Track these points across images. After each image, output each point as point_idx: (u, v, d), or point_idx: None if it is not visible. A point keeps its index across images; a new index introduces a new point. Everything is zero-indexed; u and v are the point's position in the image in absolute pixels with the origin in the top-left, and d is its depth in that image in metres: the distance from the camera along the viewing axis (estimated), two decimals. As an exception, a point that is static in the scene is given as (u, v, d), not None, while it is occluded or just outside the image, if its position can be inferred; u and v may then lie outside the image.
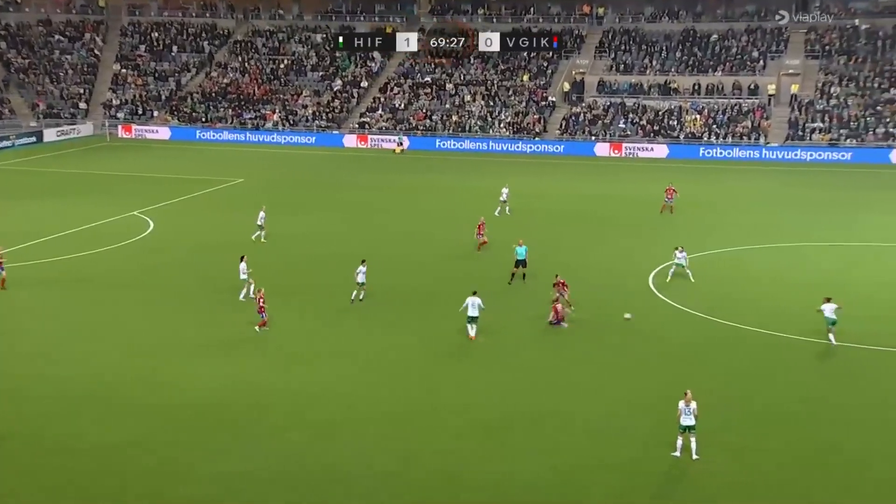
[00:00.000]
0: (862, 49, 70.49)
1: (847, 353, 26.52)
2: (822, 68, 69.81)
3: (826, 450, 20.50)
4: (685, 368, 25.45)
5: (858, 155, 62.40)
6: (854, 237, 40.35)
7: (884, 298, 31.44)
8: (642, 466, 19.84)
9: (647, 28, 77.09)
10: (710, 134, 67.82)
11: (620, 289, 32.89)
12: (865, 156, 62.12)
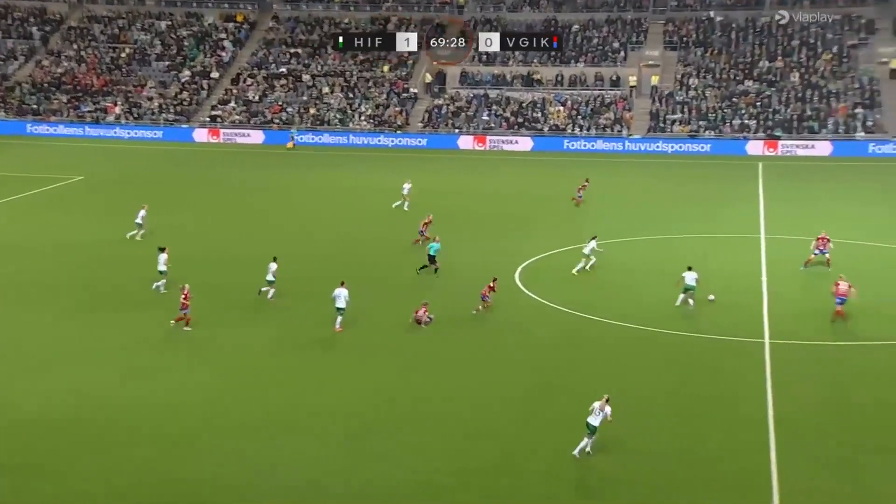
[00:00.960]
0: (717, 41, 74.29)
1: (707, 344, 27.88)
2: (680, 60, 73.11)
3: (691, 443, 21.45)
4: (551, 365, 26.20)
5: (717, 146, 65.74)
6: (715, 229, 42.41)
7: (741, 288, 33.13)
8: (507, 468, 20.24)
9: (508, 18, 78.63)
10: (574, 126, 69.87)
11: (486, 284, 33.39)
12: (723, 147, 65.53)
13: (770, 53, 71.68)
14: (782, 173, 56.96)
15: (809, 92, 67.86)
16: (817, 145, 63.85)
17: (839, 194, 49.87)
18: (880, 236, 39.47)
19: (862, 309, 30.47)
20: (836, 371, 25.53)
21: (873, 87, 67.02)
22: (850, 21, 72.39)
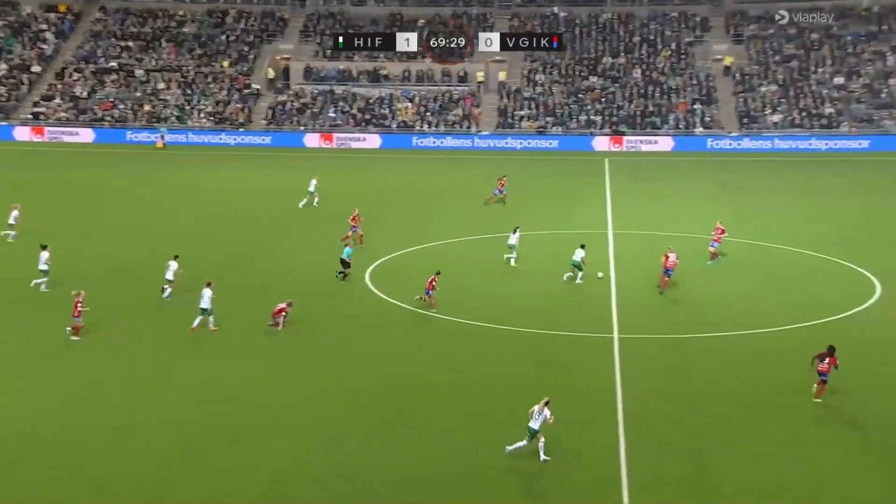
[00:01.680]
0: (562, 37, 76.45)
1: (558, 340, 28.66)
2: (527, 56, 74.87)
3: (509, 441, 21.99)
4: (402, 366, 26.28)
5: (564, 142, 67.72)
6: (565, 224, 43.62)
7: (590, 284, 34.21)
8: (360, 474, 20.17)
9: (352, 11, 78.34)
10: (423, 122, 70.38)
11: (337, 285, 33.19)
12: (570, 143, 67.57)
13: (613, 50, 74.45)
14: (628, 168, 59.26)
15: (651, 88, 70.93)
16: (660, 140, 66.83)
17: (682, 189, 52.32)
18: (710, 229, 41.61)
19: (705, 300, 32.11)
20: (681, 362, 26.74)
21: (709, 84, 70.76)
22: (686, 18, 76.14)
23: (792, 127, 66.32)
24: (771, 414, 23.08)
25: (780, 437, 21.83)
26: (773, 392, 24.38)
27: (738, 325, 29.18)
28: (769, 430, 22.20)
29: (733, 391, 24.48)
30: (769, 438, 21.76)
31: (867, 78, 68.64)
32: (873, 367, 25.90)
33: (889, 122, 65.33)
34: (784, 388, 24.53)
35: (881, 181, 53.09)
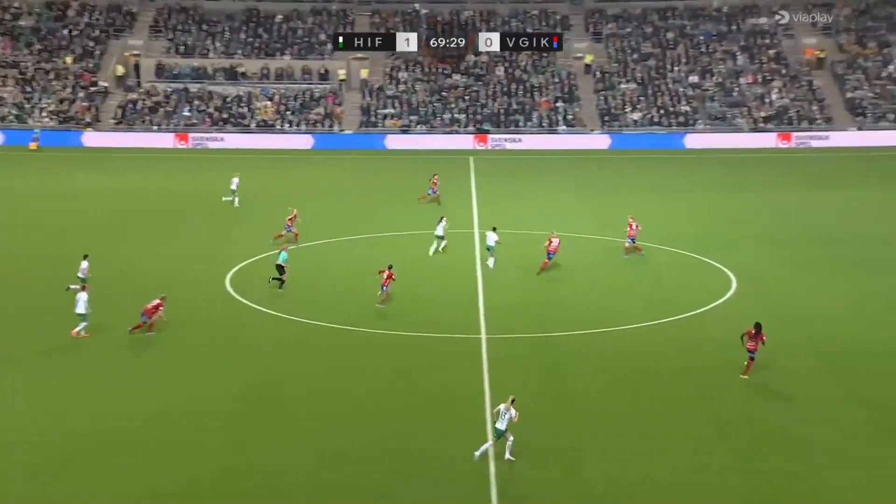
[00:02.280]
0: (424, 34, 76.78)
1: (425, 342, 28.76)
2: (388, 53, 74.84)
3: (411, 443, 21.99)
4: (265, 374, 25.87)
5: (429, 141, 68.03)
6: (432, 224, 43.73)
7: (457, 284, 34.49)
8: (223, 486, 19.69)
9: (206, 6, 76.48)
10: (284, 121, 69.40)
11: (197, 292, 32.34)
12: (437, 142, 67.93)
13: (475, 47, 75.29)
14: (492, 167, 60.11)
15: (514, 86, 72.21)
16: (524, 139, 68.08)
17: (545, 186, 53.45)
18: (582, 228, 42.71)
19: (572, 298, 32.87)
20: (550, 361, 27.25)
21: (571, 82, 72.61)
22: (546, 16, 77.86)
23: (651, 125, 68.81)
24: (638, 409, 23.79)
25: (647, 431, 22.51)
26: (640, 387, 25.14)
27: (604, 322, 29.96)
28: (637, 425, 22.86)
29: (602, 388, 25.11)
30: (637, 433, 22.41)
31: (719, 77, 71.93)
32: (732, 361, 27.07)
33: (741, 121, 68.64)
34: (650, 383, 25.35)
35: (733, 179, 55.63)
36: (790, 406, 23.85)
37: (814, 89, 70.28)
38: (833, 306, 31.56)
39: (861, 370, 26.09)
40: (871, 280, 34.21)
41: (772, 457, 21.17)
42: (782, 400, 24.24)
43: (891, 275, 34.77)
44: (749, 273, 34.94)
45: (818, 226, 42.53)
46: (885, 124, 67.10)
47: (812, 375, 25.78)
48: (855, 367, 26.34)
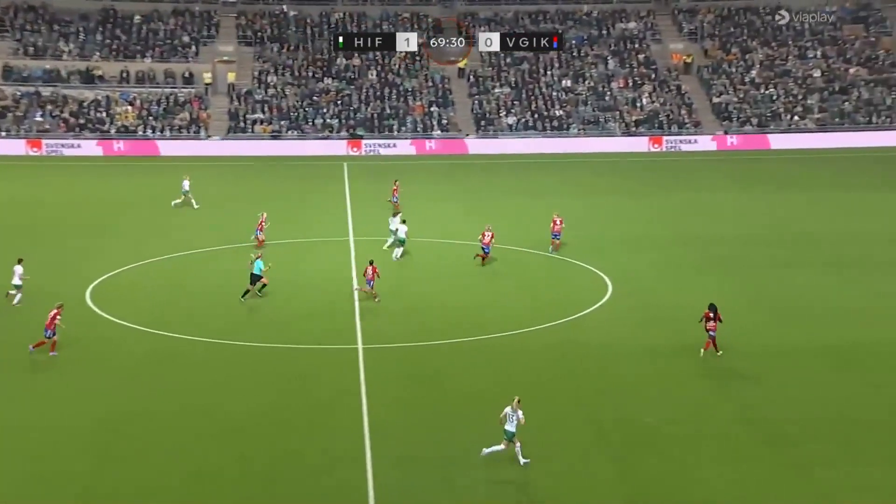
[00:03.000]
0: (293, 37, 76.25)
1: (301, 354, 28.50)
2: (256, 56, 73.93)
3: (288, 458, 21.73)
4: (130, 391, 25.11)
5: (301, 146, 67.43)
6: (305, 232, 43.43)
7: (333, 294, 34.31)
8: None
9: (56, 5, 73.73)
10: (146, 127, 67.57)
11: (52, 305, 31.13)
12: (308, 147, 67.39)
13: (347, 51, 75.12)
14: (367, 173, 60.04)
15: (387, 90, 72.37)
16: (398, 144, 68.29)
17: (419, 192, 53.73)
18: (455, 233, 43.09)
19: (451, 305, 33.13)
20: (429, 370, 27.39)
21: (445, 86, 73.30)
22: (419, 19, 78.39)
23: (526, 129, 70.13)
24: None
25: (527, 436, 22.84)
26: (519, 393, 25.44)
27: (483, 329, 30.32)
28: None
29: (481, 395, 25.37)
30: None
31: (591, 81, 73.95)
32: (608, 365, 27.84)
33: (613, 125, 70.74)
34: (529, 389, 25.79)
35: (607, 182, 57.24)
36: (666, 407, 24.64)
37: (682, 94, 73.04)
38: (704, 306, 32.76)
39: (734, 370, 27.21)
40: (740, 280, 35.73)
41: (650, 458, 21.84)
42: (658, 401, 25.03)
43: (758, 275, 36.41)
44: (624, 276, 35.99)
45: (689, 228, 44.18)
46: (750, 128, 70.29)
47: (687, 376, 26.73)
48: (728, 366, 27.45)
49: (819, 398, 25.04)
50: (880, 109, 71.19)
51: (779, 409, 24.39)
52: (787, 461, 21.74)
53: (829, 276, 36.03)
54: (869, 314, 31.58)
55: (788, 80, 73.98)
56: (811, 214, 46.88)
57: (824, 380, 26.37)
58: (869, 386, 25.77)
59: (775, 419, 23.78)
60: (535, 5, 79.50)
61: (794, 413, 24.11)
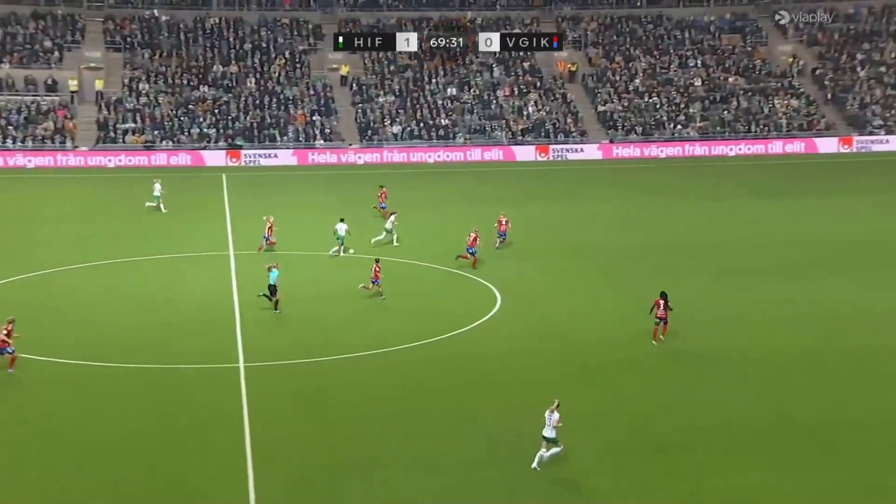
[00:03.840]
0: (166, 42, 74.84)
1: (180, 374, 28.01)
2: (126, 63, 72.24)
3: (169, 483, 21.34)
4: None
5: (177, 157, 66.11)
6: (182, 247, 42.61)
7: (214, 311, 33.82)
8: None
9: None
10: (6, 137, 65.19)
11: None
12: (184, 158, 66.14)
13: (223, 57, 74.21)
14: (247, 184, 59.36)
15: (267, 98, 71.73)
16: (280, 154, 67.73)
17: (302, 204, 53.44)
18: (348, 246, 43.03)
19: (336, 321, 33.05)
20: (315, 388, 27.27)
21: (327, 94, 73.11)
22: (298, 25, 78.04)
23: (412, 138, 70.54)
24: (406, 432, 24.28)
25: (416, 454, 23.03)
26: (407, 410, 25.70)
27: (370, 345, 30.35)
28: (405, 449, 23.35)
29: (368, 413, 25.42)
30: (405, 458, 22.89)
31: (477, 89, 74.95)
32: (499, 378, 28.26)
33: (500, 133, 71.81)
34: (418, 405, 25.99)
35: (495, 192, 58.08)
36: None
37: (568, 102, 74.72)
38: (592, 317, 33.64)
39: (621, 379, 27.97)
40: (628, 289, 36.75)
41: (540, 471, 22.24)
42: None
43: (645, 284, 37.38)
44: (513, 287, 36.57)
45: (577, 237, 45.19)
46: (635, 137, 72.39)
47: (576, 387, 27.33)
48: (615, 376, 28.20)
49: (704, 406, 25.95)
50: (758, 118, 74.32)
51: (667, 417, 25.17)
52: (675, 469, 22.48)
53: (713, 283, 37.40)
54: (751, 321, 32.90)
55: (671, 88, 76.53)
56: (695, 223, 48.57)
57: (710, 387, 27.33)
58: (753, 392, 26.85)
59: (663, 429, 24.51)
60: (418, 12, 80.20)
61: (682, 421, 24.92)
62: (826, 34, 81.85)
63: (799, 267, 39.52)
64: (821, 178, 61.43)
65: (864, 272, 38.73)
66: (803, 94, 76.29)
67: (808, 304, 34.61)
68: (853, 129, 73.75)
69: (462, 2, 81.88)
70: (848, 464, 22.67)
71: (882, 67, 78.54)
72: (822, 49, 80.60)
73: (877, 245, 43.11)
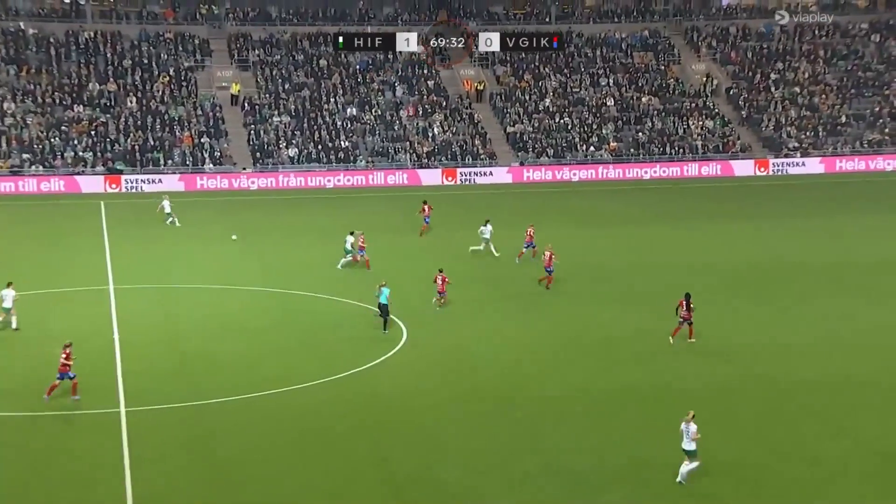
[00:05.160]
0: (34, 58, 73.00)
1: (55, 422, 27.12)
2: (-10, 81, 70.29)
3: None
4: None
5: (50, 184, 64.35)
6: (57, 282, 41.39)
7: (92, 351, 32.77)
8: None
9: None
10: None
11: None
12: (57, 184, 64.42)
13: (100, 74, 72.77)
14: (128, 212, 58.08)
15: (150, 119, 70.47)
16: (164, 179, 66.52)
17: (190, 234, 52.49)
18: (232, 279, 42.32)
19: (227, 359, 32.40)
20: (202, 431, 26.64)
21: (217, 115, 72.21)
22: (183, 40, 77.02)
23: (309, 162, 70.09)
24: (308, 475, 23.92)
25: (318, 498, 22.66)
26: (309, 452, 25.34)
27: (268, 384, 29.81)
28: (307, 493, 23.01)
29: (266, 456, 24.94)
30: (312, 493, 22.40)
31: (378, 109, 75.01)
32: (405, 416, 28.05)
33: (403, 156, 71.89)
34: (321, 447, 25.64)
35: (402, 219, 58.04)
36: (465, 456, 25.01)
37: (476, 123, 75.29)
38: (505, 349, 33.69)
39: (536, 413, 28.00)
40: (540, 318, 36.97)
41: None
42: (457, 451, 25.38)
43: (556, 312, 37.75)
44: (419, 319, 36.43)
45: (483, 265, 45.35)
46: (546, 160, 73.26)
47: (488, 424, 27.27)
48: (530, 410, 28.22)
49: (618, 441, 26.08)
50: (673, 140, 76.11)
51: (581, 455, 25.22)
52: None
53: (623, 311, 37.85)
54: (664, 353, 33.17)
55: (582, 108, 77.86)
56: (608, 248, 49.27)
57: (625, 422, 27.51)
58: (667, 426, 27.08)
59: (578, 468, 24.54)
60: (314, 26, 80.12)
61: (593, 458, 24.99)
62: (739, 52, 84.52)
63: (703, 293, 40.02)
64: (737, 202, 63.13)
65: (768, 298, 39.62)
66: (718, 115, 78.48)
67: (713, 330, 35.02)
68: (769, 151, 76.15)
69: (361, 17, 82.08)
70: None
71: (796, 87, 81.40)
72: (736, 68, 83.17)
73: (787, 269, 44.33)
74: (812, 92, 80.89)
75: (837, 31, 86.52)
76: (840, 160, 75.50)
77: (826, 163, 75.26)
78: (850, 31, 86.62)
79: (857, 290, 40.81)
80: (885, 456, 25.13)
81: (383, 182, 69.19)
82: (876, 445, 25.81)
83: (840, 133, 77.85)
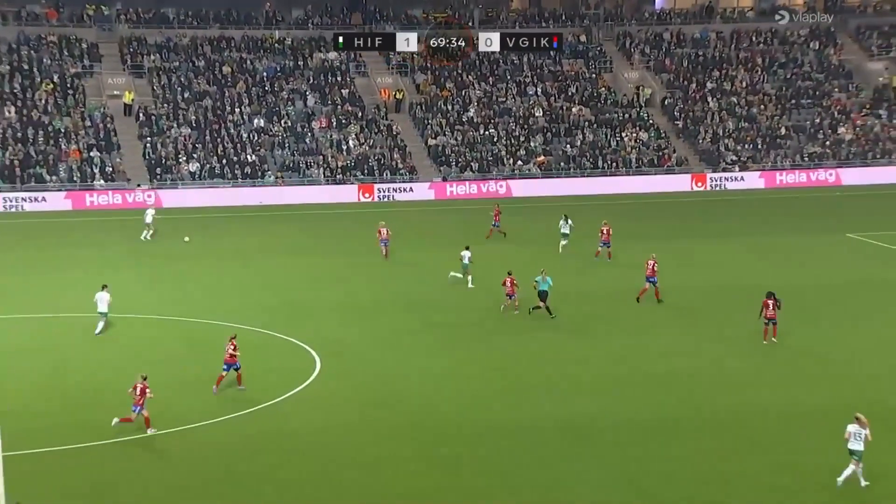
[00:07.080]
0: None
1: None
2: None
3: None
4: None
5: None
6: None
7: None
8: None
9: None
10: None
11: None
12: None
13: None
14: (6, 234, 56.73)
15: (32, 131, 68.88)
16: (49, 197, 65.08)
17: (79, 257, 51.34)
18: (139, 307, 41.40)
19: (117, 399, 31.50)
20: (93, 478, 26.05)
21: (108, 126, 70.85)
22: (68, 44, 75.51)
23: (213, 177, 69.09)
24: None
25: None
26: (212, 498, 24.69)
27: (165, 422, 29.13)
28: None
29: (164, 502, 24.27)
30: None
31: (289, 120, 74.36)
32: (318, 454, 27.53)
33: (316, 171, 71.27)
34: (225, 491, 25.10)
35: (313, 240, 57.43)
36: (391, 499, 24.62)
37: (395, 135, 75.02)
38: (426, 381, 33.32)
39: (462, 452, 27.67)
40: (466, 350, 36.68)
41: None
42: (383, 492, 24.97)
43: (483, 343, 37.45)
44: (333, 348, 35.95)
45: (403, 290, 44.92)
46: (470, 174, 73.27)
47: (410, 460, 26.92)
48: (459, 449, 27.89)
49: (553, 480, 25.90)
50: (605, 153, 76.70)
51: (511, 495, 24.96)
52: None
53: (553, 335, 37.79)
54: (604, 383, 33.14)
55: (509, 119, 78.15)
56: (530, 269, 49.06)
57: (560, 458, 27.30)
58: (600, 463, 26.98)
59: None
60: (217, 30, 79.35)
61: (529, 499, 24.77)
62: (674, 60, 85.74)
63: (629, 319, 40.22)
64: (672, 219, 63.70)
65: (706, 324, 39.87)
66: (652, 126, 79.40)
67: (638, 359, 35.21)
68: (706, 165, 77.23)
69: (268, 20, 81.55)
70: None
71: (733, 97, 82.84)
72: (671, 76, 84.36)
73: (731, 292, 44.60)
74: (750, 102, 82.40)
75: (775, 38, 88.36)
76: (780, 174, 76.99)
77: (766, 177, 76.67)
78: (788, 38, 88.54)
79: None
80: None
81: (294, 200, 68.39)
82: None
83: (780, 146, 79.36)
